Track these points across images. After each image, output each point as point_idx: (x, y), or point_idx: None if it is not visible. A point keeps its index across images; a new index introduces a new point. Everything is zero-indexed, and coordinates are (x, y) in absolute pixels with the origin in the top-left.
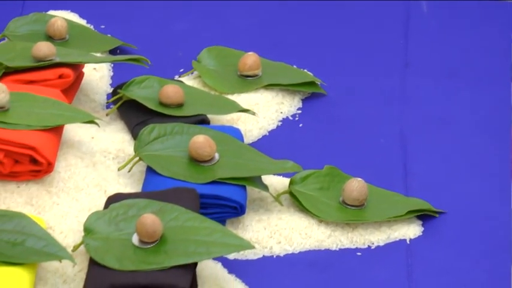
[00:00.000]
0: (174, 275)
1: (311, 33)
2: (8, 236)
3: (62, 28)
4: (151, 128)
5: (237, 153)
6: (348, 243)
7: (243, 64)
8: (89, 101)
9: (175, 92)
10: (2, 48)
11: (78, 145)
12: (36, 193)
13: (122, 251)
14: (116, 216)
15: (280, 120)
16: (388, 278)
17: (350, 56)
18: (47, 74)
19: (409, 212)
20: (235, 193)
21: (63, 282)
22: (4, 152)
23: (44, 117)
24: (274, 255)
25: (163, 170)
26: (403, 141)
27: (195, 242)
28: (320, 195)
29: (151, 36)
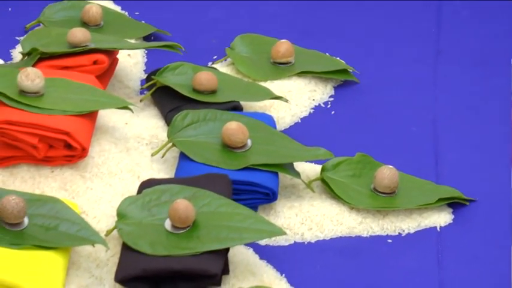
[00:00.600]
0: (206, 261)
1: (344, 21)
2: (42, 220)
3: (97, 14)
4: (184, 114)
5: (269, 140)
6: (378, 230)
7: (276, 51)
8: (123, 87)
9: (208, 78)
10: (37, 34)
11: (112, 131)
12: (70, 178)
13: (155, 236)
14: (149, 201)
15: (312, 108)
16: (418, 265)
17: (382, 43)
18: (81, 60)
19: (440, 200)
20: (268, 179)
21: (96, 267)
22: (39, 136)
23: (78, 102)
24: (305, 242)
25: (196, 156)
26: (435, 129)
27: (227, 228)
28: (351, 182)
29: (186, 23)
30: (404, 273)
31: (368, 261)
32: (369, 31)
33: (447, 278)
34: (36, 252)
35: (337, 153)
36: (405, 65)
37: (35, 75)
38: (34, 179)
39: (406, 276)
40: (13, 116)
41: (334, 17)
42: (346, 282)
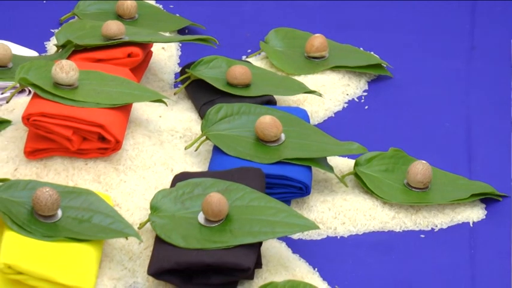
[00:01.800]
0: (239, 255)
1: (378, 16)
2: (75, 212)
3: (132, 7)
4: (218, 107)
5: (302, 134)
6: (411, 225)
7: (310, 46)
8: (157, 80)
9: (242, 72)
10: (71, 27)
11: (146, 123)
12: (103, 170)
13: (188, 229)
14: (182, 194)
15: (346, 102)
16: (450, 260)
17: (416, 39)
18: (116, 53)
19: (473, 196)
20: (301, 174)
21: (129, 259)
22: (73, 129)
23: (112, 95)
24: (338, 236)
25: (230, 149)
26: (468, 124)
27: (260, 222)
28: (385, 177)
29: (220, 17)
30: (437, 268)
31: (400, 256)
32: (403, 26)
33: (479, 274)
34: (70, 245)
35: (371, 147)
36: (439, 60)
37: (70, 67)
38: (68, 171)
39: (438, 271)
40: (47, 109)
41: (369, 12)
42: (378, 277)
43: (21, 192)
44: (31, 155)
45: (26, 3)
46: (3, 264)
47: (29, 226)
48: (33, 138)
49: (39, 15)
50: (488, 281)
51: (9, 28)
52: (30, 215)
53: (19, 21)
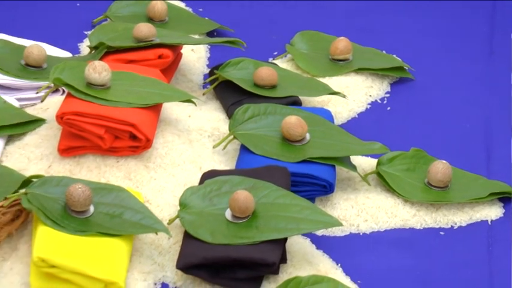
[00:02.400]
0: (265, 250)
1: (400, 20)
2: (107, 208)
3: (162, 10)
4: (245, 107)
5: (327, 134)
6: (431, 223)
7: (334, 48)
8: (187, 80)
9: (269, 74)
10: (104, 29)
11: (175, 123)
12: (134, 168)
13: (215, 225)
14: (210, 191)
15: (369, 103)
16: (469, 257)
17: (437, 43)
18: (147, 54)
19: (491, 194)
20: (325, 172)
21: (158, 254)
22: (105, 128)
23: (143, 95)
24: (360, 233)
25: (257, 148)
26: (487, 126)
27: (286, 219)
28: (406, 176)
29: (247, 20)
30: (456, 265)
31: (421, 253)
32: (424, 30)
33: (497, 271)
34: (101, 239)
35: (392, 147)
36: (459, 63)
37: (102, 68)
38: (100, 168)
39: (457, 268)
40: (80, 108)
41: (391, 16)
42: (399, 273)
43: (55, 189)
44: (64, 152)
45: (60, 5)
46: (37, 257)
47: (62, 221)
48: (66, 136)
49: (72, 17)
50: (506, 277)
51: (44, 30)
52: (64, 211)
53: (53, 23)
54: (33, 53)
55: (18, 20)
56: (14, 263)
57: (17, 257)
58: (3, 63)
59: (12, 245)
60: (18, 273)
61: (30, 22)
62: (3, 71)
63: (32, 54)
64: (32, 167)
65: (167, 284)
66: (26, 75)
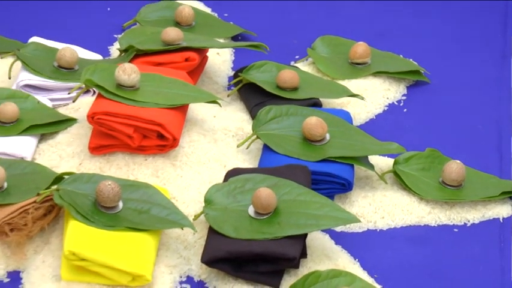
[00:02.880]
0: (286, 245)
1: (417, 26)
2: (135, 204)
3: (189, 15)
4: (268, 109)
5: (346, 135)
6: (445, 220)
7: (353, 52)
8: (212, 82)
9: (291, 76)
10: (133, 32)
11: (201, 123)
12: (161, 166)
13: (239, 221)
14: (234, 189)
15: (386, 105)
16: (481, 253)
17: (452, 47)
18: (174, 57)
19: (503, 193)
20: (344, 171)
21: (184, 248)
22: (134, 127)
23: (170, 96)
24: (377, 229)
25: (279, 147)
26: (499, 127)
27: (306, 215)
28: (421, 175)
29: (270, 25)
30: (469, 260)
31: (435, 248)
32: (440, 35)
33: (509, 267)
34: (129, 234)
35: (409, 148)
36: (473, 67)
37: (132, 70)
38: (128, 166)
39: (470, 263)
40: (111, 108)
41: (408, 22)
42: (415, 268)
43: (86, 185)
44: (95, 150)
45: (92, 10)
46: (68, 251)
47: (92, 216)
48: (97, 135)
49: (103, 21)
50: None
51: (76, 33)
52: (94, 206)
53: (85, 27)
54: (66, 56)
55: (52, 24)
56: (46, 256)
57: (48, 250)
58: (37, 65)
59: (44, 239)
60: (50, 265)
61: (63, 26)
62: (37, 72)
63: (64, 57)
64: (64, 164)
65: (192, 277)
66: (58, 76)
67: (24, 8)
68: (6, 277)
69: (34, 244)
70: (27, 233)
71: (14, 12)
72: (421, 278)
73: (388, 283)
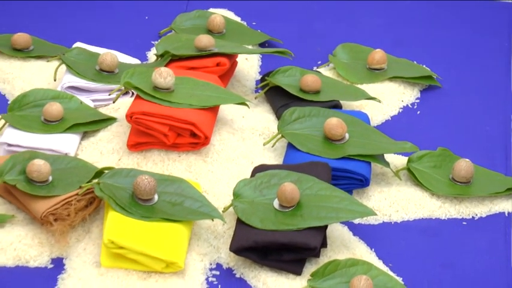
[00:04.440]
0: (308, 236)
1: (429, 35)
2: (169, 197)
3: (220, 23)
4: (292, 110)
5: (364, 134)
6: (455, 213)
7: (371, 59)
8: (241, 86)
9: (313, 80)
10: (169, 39)
11: (230, 123)
12: (194, 162)
13: (264, 213)
14: (261, 183)
15: (401, 108)
16: (488, 245)
17: (462, 55)
18: (206, 62)
19: (508, 190)
20: (362, 168)
21: (214, 238)
22: (169, 126)
23: (203, 98)
24: (392, 222)
25: (302, 146)
26: (506, 128)
27: (326, 208)
28: (433, 172)
29: (295, 33)
30: (477, 251)
31: (445, 240)
32: (451, 44)
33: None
34: (164, 224)
35: (422, 147)
36: (481, 73)
37: (167, 73)
38: (164, 162)
39: (478, 254)
40: (147, 108)
41: (422, 31)
42: (426, 258)
43: (124, 179)
44: (133, 147)
45: (131, 18)
46: (107, 239)
47: (130, 208)
48: (135, 133)
49: (141, 28)
50: None
51: (116, 39)
52: (131, 199)
53: (125, 34)
54: (107, 60)
55: (94, 30)
56: (87, 244)
57: (89, 239)
58: (80, 68)
59: (85, 228)
60: (91, 253)
61: (105, 32)
62: (80, 75)
63: (105, 61)
64: (104, 160)
65: (221, 265)
66: (100, 79)
67: (69, 16)
68: (50, 263)
69: (76, 233)
70: (70, 222)
71: (60, 19)
72: (432, 267)
73: (402, 271)
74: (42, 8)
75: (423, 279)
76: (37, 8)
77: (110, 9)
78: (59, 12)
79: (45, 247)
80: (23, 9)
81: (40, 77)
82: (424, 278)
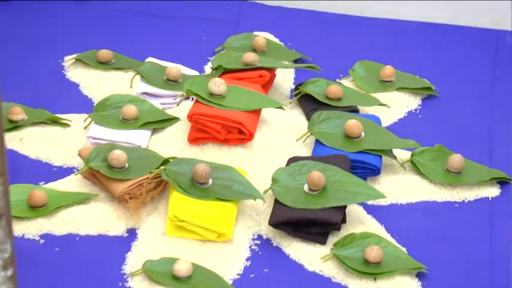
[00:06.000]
0: (331, 213)
1: (430, 55)
2: (221, 181)
3: (263, 44)
4: (319, 113)
5: (376, 133)
6: (449, 197)
7: (383, 73)
8: (278, 93)
9: (336, 90)
10: (222, 56)
11: (270, 122)
12: (241, 153)
13: (296, 195)
14: (294, 171)
15: (406, 112)
16: (475, 222)
17: (455, 71)
18: (251, 74)
19: (492, 179)
20: (374, 160)
21: (256, 214)
22: (221, 125)
23: (248, 103)
24: (398, 203)
25: (327, 142)
26: (490, 130)
27: (346, 192)
28: (431, 164)
29: (322, 51)
30: (466, 227)
31: (441, 218)
32: (447, 61)
33: (496, 232)
34: (217, 203)
35: (422, 144)
36: (470, 85)
37: (220, 83)
38: (216, 153)
39: (467, 229)
40: (204, 110)
41: (423, 52)
42: (425, 232)
43: (185, 167)
44: (192, 141)
45: (192, 39)
46: (171, 214)
47: (189, 189)
48: (194, 130)
49: (200, 47)
50: (502, 236)
51: (180, 55)
52: (191, 182)
53: (187, 51)
54: (173, 72)
55: (163, 48)
56: (155, 218)
57: (157, 213)
58: (151, 78)
59: (154, 205)
60: (158, 225)
61: (171, 49)
62: (151, 83)
63: (171, 72)
64: (169, 151)
65: (261, 236)
66: (167, 87)
67: (143, 36)
68: (126, 233)
69: (147, 209)
70: (142, 200)
71: (136, 39)
72: (430, 239)
73: (406, 243)
74: (121, 30)
75: (422, 249)
76: (117, 29)
77: (176, 31)
78: (135, 33)
79: (121, 220)
80: (106, 30)
81: (119, 84)
82: (423, 248)
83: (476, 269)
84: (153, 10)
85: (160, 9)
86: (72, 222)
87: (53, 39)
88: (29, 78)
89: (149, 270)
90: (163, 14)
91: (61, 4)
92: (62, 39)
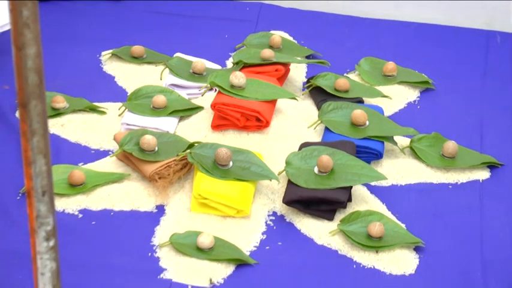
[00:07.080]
0: (338, 193)
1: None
2: (240, 163)
3: (279, 42)
4: (329, 103)
5: (379, 122)
6: (444, 179)
7: (386, 68)
8: (292, 86)
9: (344, 83)
10: (242, 52)
11: (284, 111)
12: (258, 139)
13: (308, 176)
14: (305, 155)
15: (406, 103)
16: (467, 202)
17: (449, 67)
18: (268, 68)
19: (482, 163)
20: (378, 145)
21: (271, 193)
22: (240, 113)
23: (265, 94)
24: (398, 184)
25: (335, 129)
26: (481, 120)
27: (352, 174)
28: (428, 149)
29: (331, 48)
30: (459, 206)
31: (437, 198)
32: (443, 58)
33: (486, 210)
34: (236, 183)
35: (420, 131)
36: (463, 80)
37: (240, 76)
38: (237, 139)
39: (460, 207)
40: (226, 100)
41: (422, 49)
42: (422, 210)
43: (208, 150)
44: (215, 128)
45: (216, 37)
46: (196, 192)
47: (212, 170)
48: (216, 117)
49: (223, 44)
50: (492, 214)
51: (205, 51)
52: (213, 164)
53: (211, 47)
54: (198, 65)
55: (189, 44)
56: (181, 195)
57: (183, 192)
58: (179, 71)
59: (180, 184)
60: (184, 202)
61: (197, 46)
62: (179, 76)
63: (197, 66)
64: (194, 136)
65: (276, 212)
66: (192, 79)
67: (173, 33)
68: (155, 209)
69: (174, 188)
70: (170, 180)
71: (166, 35)
72: (426, 216)
73: (405, 219)
74: (153, 28)
75: (420, 226)
76: (149, 27)
77: (201, 30)
78: (165, 31)
79: (151, 197)
80: (139, 29)
81: (150, 77)
82: (420, 225)
83: (468, 244)
84: (181, 11)
85: (187, 10)
86: (108, 199)
87: (92, 36)
88: (70, 70)
89: (175, 242)
90: (191, 15)
91: (100, 5)
92: (100, 36)
